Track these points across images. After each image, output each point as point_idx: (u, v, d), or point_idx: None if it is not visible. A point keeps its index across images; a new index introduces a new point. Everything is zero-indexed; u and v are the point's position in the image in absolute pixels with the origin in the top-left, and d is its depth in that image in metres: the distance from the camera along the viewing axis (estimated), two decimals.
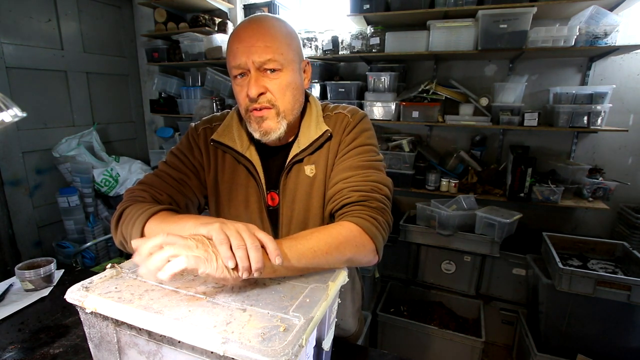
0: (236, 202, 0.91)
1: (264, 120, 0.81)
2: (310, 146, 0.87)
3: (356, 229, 0.73)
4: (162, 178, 0.88)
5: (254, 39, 0.77)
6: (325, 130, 0.87)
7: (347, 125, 0.89)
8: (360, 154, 0.86)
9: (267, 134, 0.82)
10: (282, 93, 0.80)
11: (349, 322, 1.04)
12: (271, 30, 0.78)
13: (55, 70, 2.60)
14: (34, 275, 1.14)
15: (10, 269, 1.19)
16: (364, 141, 0.88)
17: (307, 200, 0.88)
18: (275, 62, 0.78)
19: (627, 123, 2.14)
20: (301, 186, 0.88)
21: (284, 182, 0.88)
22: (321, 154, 0.88)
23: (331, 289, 0.61)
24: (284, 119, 0.82)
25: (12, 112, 0.93)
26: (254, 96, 0.78)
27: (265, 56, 0.76)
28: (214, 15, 2.88)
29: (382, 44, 2.26)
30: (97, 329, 0.58)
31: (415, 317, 2.22)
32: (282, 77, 0.80)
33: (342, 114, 0.91)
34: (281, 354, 0.44)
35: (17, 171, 2.41)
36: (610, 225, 2.29)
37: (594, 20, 1.87)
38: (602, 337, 1.65)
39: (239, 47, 0.78)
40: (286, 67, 0.80)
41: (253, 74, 0.78)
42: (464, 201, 2.20)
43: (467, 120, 2.22)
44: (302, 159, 0.88)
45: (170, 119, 3.32)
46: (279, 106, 0.81)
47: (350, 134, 0.88)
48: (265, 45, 0.76)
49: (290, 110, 0.83)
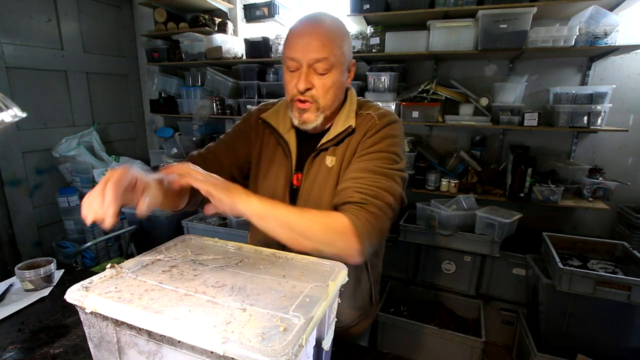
0: (270, 175, 1.01)
1: (304, 112, 0.90)
2: (334, 138, 0.94)
3: (345, 223, 0.77)
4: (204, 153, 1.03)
5: (312, 38, 0.84)
6: (348, 126, 0.93)
7: (370, 128, 0.93)
8: (376, 159, 0.88)
9: (305, 124, 0.92)
10: (325, 91, 0.89)
11: (345, 313, 1.05)
12: (328, 32, 0.86)
13: (55, 70, 2.60)
14: (34, 275, 1.14)
15: (10, 269, 1.20)
16: (383, 147, 0.90)
17: (322, 189, 0.94)
18: (326, 63, 0.85)
19: (627, 123, 2.14)
20: (321, 174, 0.95)
21: (308, 166, 0.96)
22: (342, 147, 0.95)
23: (331, 289, 0.61)
24: (322, 113, 0.91)
25: (12, 112, 0.93)
26: (302, 90, 0.87)
27: (318, 56, 0.84)
28: (214, 15, 2.88)
29: (382, 44, 2.26)
30: (97, 329, 0.58)
31: (415, 317, 2.22)
32: (329, 78, 0.87)
33: (371, 115, 0.96)
34: (281, 354, 0.44)
35: (17, 171, 2.42)
36: (610, 225, 2.29)
37: (594, 20, 1.87)
38: (602, 337, 1.65)
39: (298, 42, 0.86)
40: (335, 68, 0.87)
41: (304, 69, 0.86)
42: (464, 201, 2.20)
43: (467, 120, 2.22)
44: (327, 149, 0.95)
45: (170, 119, 3.32)
46: (320, 102, 0.90)
47: (372, 138, 0.91)
48: (321, 46, 0.84)
49: (329, 107, 0.92)
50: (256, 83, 2.69)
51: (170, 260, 0.71)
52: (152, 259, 0.71)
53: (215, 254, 0.75)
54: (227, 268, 0.68)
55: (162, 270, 0.67)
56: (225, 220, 2.57)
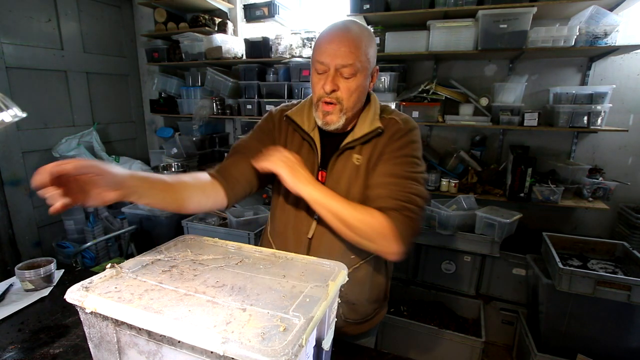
0: None
1: (328, 114, 0.96)
2: (361, 138, 0.99)
3: (387, 225, 0.86)
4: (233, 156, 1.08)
5: (341, 44, 0.90)
6: (377, 127, 0.99)
7: (397, 131, 0.99)
8: (404, 163, 0.95)
9: (328, 125, 0.97)
10: (349, 94, 0.94)
11: (365, 306, 1.09)
12: (356, 39, 0.91)
13: (55, 70, 2.60)
14: (34, 275, 1.14)
15: (10, 269, 1.20)
16: (410, 152, 0.97)
17: (350, 185, 1.00)
18: (352, 68, 0.91)
19: (627, 123, 2.14)
20: (347, 171, 1.00)
21: (333, 163, 1.01)
22: (369, 147, 1.00)
23: (331, 289, 0.61)
24: (345, 115, 0.96)
25: (12, 112, 0.93)
26: (328, 91, 0.93)
27: (345, 62, 0.90)
28: (214, 15, 2.88)
29: (382, 44, 2.26)
30: (97, 329, 0.58)
31: (415, 317, 2.22)
32: (353, 82, 0.93)
33: (395, 119, 1.02)
34: (281, 354, 0.44)
35: (17, 171, 2.41)
36: (610, 225, 2.29)
37: (594, 20, 1.87)
38: (602, 337, 1.65)
39: (327, 47, 0.92)
40: (359, 73, 0.93)
41: (332, 72, 0.92)
42: (464, 201, 2.20)
43: (467, 120, 2.22)
44: (354, 147, 1.00)
45: (170, 119, 3.32)
46: (344, 104, 0.95)
47: (399, 142, 0.98)
48: (348, 52, 0.90)
49: (352, 109, 0.97)
50: (256, 83, 2.69)
51: (170, 260, 0.71)
52: (152, 259, 0.71)
53: (215, 254, 0.75)
54: (227, 268, 0.68)
55: (162, 270, 0.67)
56: (225, 220, 2.57)
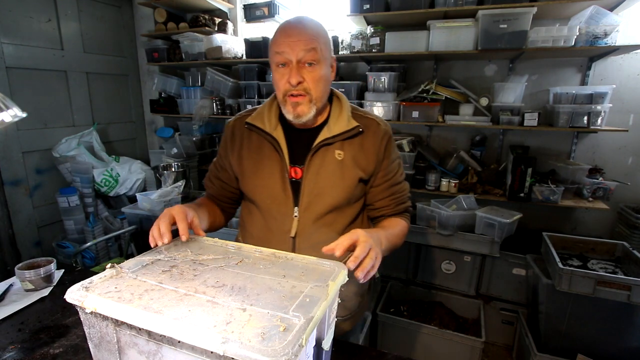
0: (261, 172, 1.05)
1: (298, 105, 0.96)
2: (341, 134, 1.01)
3: (407, 228, 1.10)
4: (209, 177, 1.19)
5: (299, 36, 0.91)
6: (356, 126, 1.02)
7: (384, 135, 1.05)
8: (398, 167, 1.10)
9: (299, 117, 0.97)
10: (315, 84, 0.95)
11: (353, 300, 1.12)
12: (312, 27, 0.94)
13: (55, 70, 2.60)
14: (34, 275, 1.14)
15: (10, 269, 1.20)
16: (398, 154, 1.12)
17: (335, 178, 1.02)
18: (315, 53, 0.92)
19: (627, 123, 2.14)
20: (329, 165, 1.02)
21: (310, 159, 1.01)
22: (352, 144, 1.03)
23: (331, 289, 0.61)
24: (315, 105, 0.97)
25: (12, 112, 0.93)
26: (295, 84, 0.92)
27: (307, 47, 0.91)
28: (214, 15, 2.88)
29: (382, 44, 2.26)
30: (97, 329, 0.58)
31: (415, 317, 2.22)
32: (317, 71, 0.94)
33: (375, 121, 1.06)
34: (281, 354, 0.44)
35: (17, 171, 2.41)
36: (610, 225, 2.29)
37: (594, 20, 1.87)
38: (602, 337, 1.65)
39: (285, 39, 0.92)
40: (321, 62, 0.94)
41: (294, 65, 0.92)
42: (464, 201, 2.20)
43: (467, 120, 2.22)
44: (332, 143, 1.02)
45: (170, 119, 3.32)
46: (312, 94, 0.95)
47: (390, 146, 1.07)
48: (308, 38, 0.91)
49: (320, 99, 0.98)
50: (256, 83, 2.69)
51: (170, 260, 0.71)
52: (152, 259, 0.71)
53: (215, 254, 0.75)
54: (227, 268, 0.68)
55: (162, 270, 0.67)
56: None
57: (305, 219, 1.02)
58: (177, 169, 2.72)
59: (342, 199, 1.02)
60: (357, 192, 1.05)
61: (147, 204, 2.36)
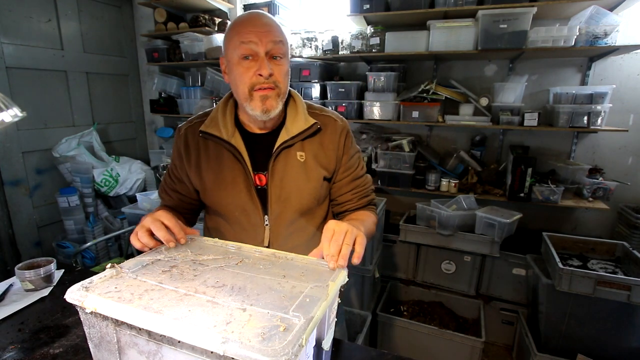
0: (224, 183, 1.00)
1: (267, 99, 0.90)
2: (300, 134, 0.98)
3: (375, 218, 1.08)
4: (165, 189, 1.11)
5: (267, 27, 0.88)
6: (314, 123, 0.98)
7: (342, 131, 1.03)
8: (358, 161, 1.09)
9: (268, 112, 0.91)
10: (283, 77, 0.91)
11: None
12: (277, 24, 0.91)
13: (55, 70, 2.60)
14: (34, 275, 1.14)
15: (10, 269, 1.19)
16: (357, 149, 1.10)
17: (300, 181, 0.99)
18: (282, 46, 0.90)
19: (627, 123, 2.14)
20: (292, 168, 0.98)
21: (272, 165, 0.97)
22: (311, 143, 1.00)
23: (331, 289, 0.61)
24: (281, 100, 0.93)
25: (12, 112, 0.93)
26: (267, 75, 0.87)
27: (276, 39, 0.88)
28: (214, 15, 2.88)
29: (382, 44, 2.26)
30: (97, 329, 0.58)
31: (415, 317, 2.22)
32: (284, 65, 0.91)
33: (332, 117, 1.04)
34: (281, 354, 0.44)
35: (17, 171, 2.41)
36: (610, 225, 2.29)
37: (594, 20, 1.87)
38: (602, 337, 1.65)
39: (253, 30, 0.87)
40: (286, 57, 0.92)
41: (262, 56, 0.87)
42: (464, 201, 2.20)
43: (467, 120, 2.22)
44: (292, 145, 0.98)
45: (170, 119, 3.32)
46: (281, 88, 0.92)
47: (348, 142, 1.05)
48: (276, 30, 0.89)
49: (285, 94, 0.95)
50: None
51: (170, 260, 0.71)
52: (152, 259, 0.71)
53: (215, 254, 0.75)
54: (227, 268, 0.68)
55: (162, 270, 0.67)
56: None
57: (276, 227, 0.99)
58: None
59: (310, 201, 1.00)
60: (323, 191, 1.04)
61: (147, 204, 2.36)
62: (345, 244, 0.72)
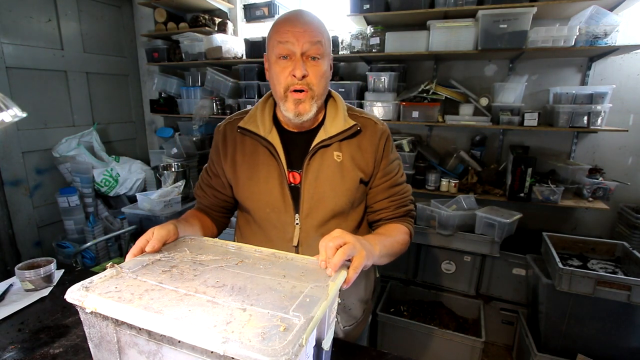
0: (257, 179, 0.99)
1: (300, 103, 0.90)
2: (338, 135, 0.96)
3: (408, 236, 1.01)
4: (200, 186, 1.13)
5: (305, 27, 0.87)
6: (353, 124, 0.97)
7: (382, 134, 1.01)
8: (397, 168, 1.05)
9: (301, 115, 0.91)
10: (318, 79, 0.90)
11: (358, 308, 1.09)
12: (319, 24, 0.91)
13: (55, 70, 2.60)
14: (34, 275, 1.14)
15: (10, 269, 1.20)
16: (396, 154, 1.07)
17: (335, 181, 0.97)
18: (320, 46, 0.88)
19: (627, 123, 2.14)
20: (327, 168, 0.97)
21: (308, 163, 0.96)
22: (350, 145, 0.99)
23: (331, 289, 0.61)
24: (316, 102, 0.92)
25: (12, 112, 0.93)
26: (300, 77, 0.87)
27: (313, 39, 0.87)
28: (214, 15, 2.88)
29: (382, 44, 2.26)
30: (97, 329, 0.58)
31: (415, 317, 2.22)
32: (321, 66, 0.90)
33: (372, 120, 1.02)
34: (281, 354, 0.44)
35: (17, 171, 2.41)
36: (610, 225, 2.29)
37: (594, 20, 1.87)
38: (602, 337, 1.65)
39: (291, 30, 0.86)
40: (324, 58, 0.91)
41: (299, 57, 0.87)
42: (464, 201, 2.20)
43: (467, 120, 2.22)
44: (329, 145, 0.97)
45: (170, 119, 3.32)
46: (315, 90, 0.90)
47: (388, 146, 1.02)
48: (315, 30, 0.88)
49: (321, 96, 0.94)
50: (256, 83, 2.69)
51: (170, 260, 0.71)
52: (152, 259, 0.71)
53: (215, 254, 0.75)
54: (227, 268, 0.68)
55: (162, 270, 0.67)
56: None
57: (307, 227, 0.97)
58: (177, 169, 2.72)
59: (344, 203, 0.97)
60: (358, 194, 1.00)
61: (147, 204, 2.36)
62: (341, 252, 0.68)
